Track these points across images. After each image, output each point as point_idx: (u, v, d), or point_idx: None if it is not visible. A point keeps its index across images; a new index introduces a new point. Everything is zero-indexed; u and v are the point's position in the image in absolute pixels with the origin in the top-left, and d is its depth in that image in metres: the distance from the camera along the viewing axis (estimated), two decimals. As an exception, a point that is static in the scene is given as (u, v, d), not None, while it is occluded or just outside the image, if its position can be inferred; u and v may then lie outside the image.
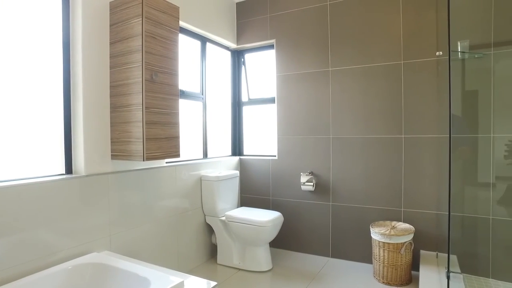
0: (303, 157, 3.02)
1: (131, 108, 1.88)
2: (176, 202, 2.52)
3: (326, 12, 2.89)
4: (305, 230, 3.03)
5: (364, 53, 2.74)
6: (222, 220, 2.76)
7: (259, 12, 3.22)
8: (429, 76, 2.51)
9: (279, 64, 3.13)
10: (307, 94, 2.99)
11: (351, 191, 2.82)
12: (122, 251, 2.04)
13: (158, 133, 1.95)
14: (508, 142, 2.28)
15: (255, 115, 3.43)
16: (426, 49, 2.51)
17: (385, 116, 2.67)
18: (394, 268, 2.38)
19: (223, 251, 2.79)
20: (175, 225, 2.51)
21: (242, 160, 3.36)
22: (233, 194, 2.96)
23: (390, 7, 2.63)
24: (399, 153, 2.63)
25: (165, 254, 2.41)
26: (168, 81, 2.02)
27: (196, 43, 2.96)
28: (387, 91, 2.66)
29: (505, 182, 2.31)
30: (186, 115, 2.80)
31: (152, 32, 1.89)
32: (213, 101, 3.16)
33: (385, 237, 2.37)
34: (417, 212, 2.57)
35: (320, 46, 2.92)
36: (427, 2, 2.49)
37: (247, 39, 3.30)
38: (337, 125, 2.86)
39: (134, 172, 2.15)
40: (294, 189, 3.06)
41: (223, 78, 3.36)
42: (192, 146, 2.92)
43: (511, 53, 2.27)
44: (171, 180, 2.47)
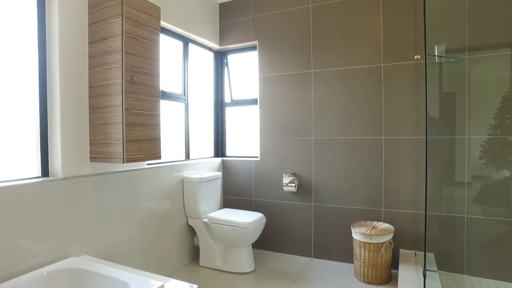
0: (285, 158, 3.04)
1: (111, 110, 1.85)
2: (158, 204, 2.49)
3: (308, 14, 2.92)
4: (287, 231, 3.05)
5: (346, 56, 2.78)
6: (205, 222, 2.74)
7: (242, 13, 3.23)
8: (408, 79, 2.57)
9: (262, 65, 3.14)
10: (290, 95, 3.01)
11: (333, 192, 2.85)
12: (101, 255, 2.00)
13: (139, 135, 1.92)
14: (483, 143, 2.36)
15: (238, 116, 3.43)
16: (405, 52, 2.58)
17: (366, 117, 2.72)
18: (374, 267, 2.42)
19: (206, 253, 2.78)
20: (157, 227, 2.48)
21: (225, 162, 3.35)
22: (216, 195, 2.95)
23: (370, 11, 2.68)
24: (379, 154, 2.68)
25: (146, 257, 2.37)
26: (149, 82, 1.99)
27: (178, 43, 2.93)
28: (368, 93, 2.71)
29: (480, 181, 2.40)
30: (168, 116, 2.77)
31: (132, 33, 1.86)
32: (195, 102, 3.14)
33: (365, 237, 2.41)
34: (396, 212, 2.63)
35: (303, 48, 2.95)
36: (405, 7, 2.56)
37: (230, 40, 3.30)
38: (319, 127, 2.89)
39: (114, 174, 2.11)
40: (277, 190, 3.08)
41: (205, 79, 3.35)
42: (174, 148, 2.89)
43: (484, 58, 2.36)
44: (152, 182, 2.44)
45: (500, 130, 2.33)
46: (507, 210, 2.34)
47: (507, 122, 2.31)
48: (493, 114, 2.34)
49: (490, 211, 2.37)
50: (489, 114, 2.35)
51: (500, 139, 2.34)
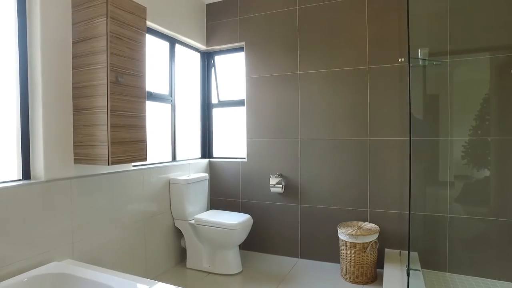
0: (272, 159, 3.05)
1: (96, 111, 1.82)
2: (144, 206, 2.47)
3: (295, 16, 2.94)
4: (274, 232, 3.06)
5: (332, 58, 2.81)
6: (191, 224, 2.72)
7: (229, 14, 3.22)
8: (393, 81, 2.62)
9: (249, 66, 3.14)
10: (276, 97, 3.02)
11: (319, 193, 2.88)
12: (86, 258, 1.96)
13: (124, 137, 1.89)
14: (465, 144, 2.43)
15: (225, 117, 3.43)
16: (389, 55, 2.62)
17: (352, 119, 2.76)
18: (360, 267, 2.46)
19: (193, 255, 2.76)
20: (143, 229, 2.45)
21: (212, 163, 3.34)
22: (203, 197, 2.94)
23: (356, 14, 2.72)
24: (365, 155, 2.72)
25: (132, 260, 2.34)
26: (134, 83, 1.97)
27: (165, 44, 2.90)
28: (354, 95, 2.75)
29: (462, 181, 2.46)
30: (154, 118, 2.75)
31: (118, 33, 1.84)
32: (182, 103, 3.12)
33: (351, 237, 2.44)
34: (382, 212, 2.68)
35: (289, 50, 2.97)
36: (390, 11, 2.60)
37: (217, 41, 3.29)
38: (305, 128, 2.92)
39: (99, 176, 2.07)
40: (264, 191, 3.08)
41: (192, 80, 3.33)
42: (161, 149, 2.86)
43: (465, 61, 2.43)
44: (138, 184, 2.41)
45: (480, 131, 2.40)
46: (486, 209, 2.42)
47: (487, 123, 2.39)
48: (474, 116, 2.41)
49: (471, 209, 2.44)
50: (470, 115, 2.42)
51: (481, 140, 2.41)
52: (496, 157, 2.39)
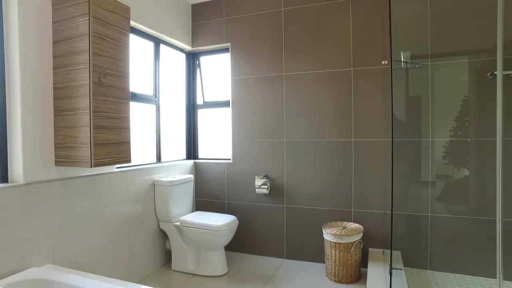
0: (257, 160, 3.06)
1: (77, 112, 1.78)
2: (128, 208, 2.43)
3: (280, 18, 2.95)
4: (260, 233, 3.07)
5: (317, 60, 2.84)
6: (176, 225, 2.70)
7: (214, 15, 3.21)
8: (376, 83, 2.66)
9: (234, 67, 3.14)
10: (262, 98, 3.03)
11: (304, 193, 2.90)
12: (67, 263, 1.92)
13: (107, 138, 1.86)
14: (446, 144, 2.49)
15: (210, 118, 3.41)
16: (373, 58, 2.67)
17: (336, 120, 2.79)
18: (345, 267, 2.49)
19: (178, 257, 2.74)
20: (127, 232, 2.42)
21: (197, 164, 3.32)
22: (188, 198, 2.92)
23: (341, 17, 2.75)
24: (349, 156, 2.76)
25: (116, 263, 2.30)
26: (117, 84, 1.94)
27: (149, 44, 2.87)
28: (338, 97, 2.78)
29: (443, 181, 2.53)
30: (138, 119, 2.71)
31: (100, 33, 1.80)
32: (167, 104, 3.09)
33: (336, 237, 2.47)
34: (366, 212, 2.72)
35: (274, 51, 2.98)
36: (374, 14, 2.65)
37: (202, 42, 3.27)
38: (290, 129, 2.93)
39: (82, 178, 2.03)
40: (249, 192, 3.09)
41: (177, 80, 3.30)
42: (145, 150, 2.83)
43: (445, 64, 2.49)
44: (122, 186, 2.37)
45: (460, 132, 2.47)
46: (466, 207, 2.49)
47: (466, 124, 2.46)
48: (454, 117, 2.48)
49: (452, 208, 2.51)
50: (451, 117, 2.49)
51: (461, 141, 2.48)
52: (474, 157, 2.47)
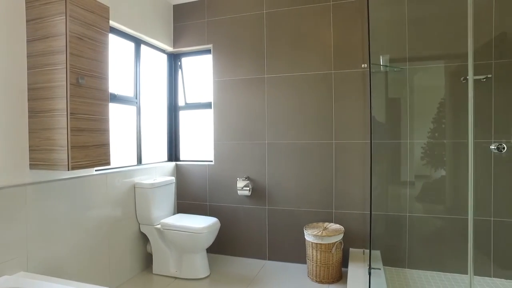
0: (239, 162, 3.06)
1: (54, 114, 1.73)
2: (108, 211, 2.38)
3: (262, 20, 2.97)
4: (242, 235, 3.07)
5: (298, 62, 2.87)
6: (158, 228, 2.67)
7: (196, 16, 3.20)
8: (357, 86, 2.72)
9: (216, 69, 3.13)
10: (244, 100, 3.04)
11: (286, 195, 2.93)
12: (43, 270, 1.86)
13: (86, 141, 1.82)
14: (424, 145, 2.57)
15: (192, 120, 3.39)
16: (353, 61, 2.72)
17: (318, 122, 2.83)
18: (326, 267, 2.52)
19: (159, 260, 2.70)
20: (107, 236, 2.37)
21: (179, 166, 3.29)
22: (169, 201, 2.89)
23: (321, 21, 2.80)
24: (330, 158, 2.80)
25: (95, 268, 2.25)
26: (96, 85, 1.90)
27: (130, 44, 2.82)
28: (319, 99, 2.82)
29: (421, 181, 2.61)
30: (118, 120, 2.66)
31: (78, 33, 1.77)
32: (148, 106, 3.05)
33: (317, 238, 2.50)
34: (346, 213, 2.76)
35: (256, 53, 2.99)
36: (354, 18, 2.70)
37: (184, 43, 3.25)
38: (272, 131, 2.95)
39: (58, 182, 1.98)
40: (231, 194, 3.08)
41: (159, 81, 3.26)
42: (126, 152, 2.78)
43: (423, 68, 2.57)
44: (101, 189, 2.32)
45: (437, 134, 2.55)
46: (442, 207, 2.57)
47: (443, 126, 2.54)
48: (431, 119, 2.56)
49: (430, 207, 2.59)
50: (428, 119, 2.57)
51: (438, 142, 2.56)
52: (450, 158, 2.56)
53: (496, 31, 2.38)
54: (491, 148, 2.27)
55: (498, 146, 2.22)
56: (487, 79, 2.39)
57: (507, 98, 2.38)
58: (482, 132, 2.41)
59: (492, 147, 2.26)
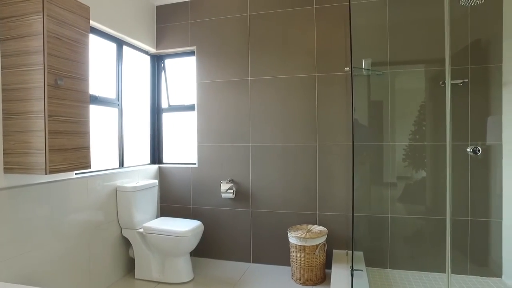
0: (223, 164, 3.05)
1: (31, 116, 1.68)
2: (88, 215, 2.33)
3: (246, 23, 2.97)
4: (226, 238, 3.05)
5: (282, 65, 2.89)
6: (140, 232, 2.62)
7: (180, 18, 3.17)
8: (340, 89, 2.75)
9: (200, 71, 3.12)
10: (227, 102, 3.03)
11: (270, 197, 2.93)
12: (18, 278, 1.80)
13: (64, 144, 1.78)
14: (405, 147, 2.62)
15: (176, 122, 3.35)
16: (336, 64, 2.75)
17: (301, 125, 2.85)
18: (310, 269, 2.53)
19: (141, 265, 2.66)
20: (87, 240, 2.31)
21: (162, 169, 3.25)
22: (152, 204, 2.84)
23: (305, 24, 2.82)
24: (313, 160, 2.82)
25: (75, 274, 2.19)
26: (76, 86, 1.86)
27: (112, 45, 2.78)
28: (303, 102, 2.84)
29: (403, 182, 2.66)
30: (100, 122, 2.61)
31: (57, 33, 1.72)
32: (130, 107, 3.00)
33: (301, 240, 2.51)
34: (330, 215, 2.79)
35: (240, 56, 2.99)
36: (337, 22, 2.74)
37: (168, 45, 3.22)
38: (256, 133, 2.96)
39: (35, 186, 1.92)
40: (215, 197, 3.07)
41: (141, 83, 3.21)
42: (107, 155, 2.73)
43: (404, 72, 2.63)
44: (82, 193, 2.27)
45: (418, 136, 2.61)
46: (423, 207, 2.63)
47: (424, 128, 2.60)
48: (413, 122, 2.61)
49: (411, 208, 2.64)
50: (410, 121, 2.62)
51: (419, 144, 2.62)
52: (431, 160, 2.62)
53: (472, 37, 2.46)
54: (467, 151, 2.33)
55: (474, 149, 2.29)
56: (464, 84, 2.46)
57: (482, 102, 2.46)
58: (459, 134, 2.48)
59: (468, 149, 2.33)
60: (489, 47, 2.45)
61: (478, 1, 1.95)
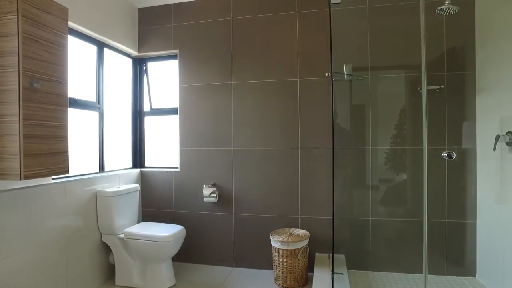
0: (205, 169, 3.03)
1: (4, 119, 1.63)
2: (66, 221, 2.27)
3: (229, 27, 2.98)
4: (209, 242, 3.03)
5: (264, 69, 2.91)
6: (121, 238, 2.58)
7: (163, 21, 3.15)
8: (321, 94, 2.79)
9: (182, 75, 3.10)
10: (210, 106, 3.02)
11: (252, 201, 2.93)
12: (-9, 286, 1.74)
13: (41, 148, 1.73)
14: (387, 151, 2.67)
15: (158, 125, 3.32)
16: (318, 69, 2.79)
17: (284, 129, 2.87)
18: (292, 273, 2.54)
19: (122, 271, 2.61)
20: (65, 247, 2.25)
21: (144, 173, 3.20)
22: (133, 209, 2.80)
23: (287, 28, 2.85)
24: (296, 164, 2.84)
25: (51, 282, 2.13)
26: (54, 90, 1.82)
27: (92, 48, 2.73)
28: (285, 106, 2.86)
29: (384, 185, 2.71)
30: (79, 126, 2.56)
31: (33, 34, 1.68)
32: (111, 111, 2.95)
33: (283, 244, 2.52)
34: (312, 218, 2.81)
35: (223, 60, 2.99)
36: (319, 28, 2.77)
37: (150, 47, 3.19)
38: (238, 137, 2.96)
39: (9, 192, 1.86)
40: (197, 201, 3.04)
41: (123, 86, 3.17)
42: (87, 159, 2.67)
43: (385, 77, 2.69)
44: (59, 199, 2.21)
45: (400, 138, 2.67)
46: (403, 210, 2.69)
47: (404, 132, 2.66)
48: (393, 125, 2.67)
49: (391, 211, 2.70)
50: (391, 125, 2.68)
51: (399, 148, 2.67)
52: (410, 164, 2.68)
53: (448, 45, 2.55)
54: (442, 155, 2.40)
55: (449, 154, 2.36)
56: (440, 90, 2.54)
57: (458, 108, 2.55)
58: (437, 139, 2.56)
59: (443, 154, 2.40)
60: (464, 55, 2.54)
61: (453, 11, 2.02)
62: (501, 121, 2.15)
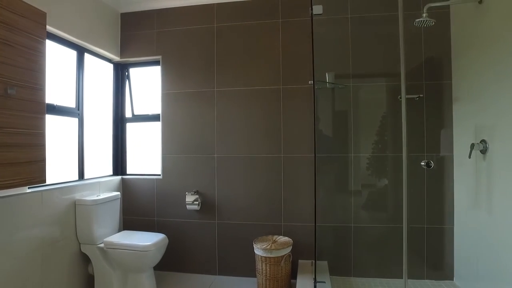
0: (188, 176, 3.00)
1: (-23, 128, 1.57)
2: (43, 232, 2.19)
3: (213, 34, 2.98)
4: (191, 250, 2.99)
5: (247, 76, 2.91)
6: (100, 248, 2.51)
7: (145, 26, 3.12)
8: (305, 101, 2.81)
9: (165, 81, 3.07)
10: (193, 112, 3.00)
11: (235, 209, 2.92)
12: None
13: (16, 157, 1.68)
14: (369, 156, 2.71)
15: (140, 132, 3.27)
16: (301, 77, 2.81)
17: (266, 136, 2.88)
18: (275, 280, 2.54)
19: (102, 282, 2.54)
20: (41, 259, 2.17)
21: (125, 180, 3.14)
22: (114, 217, 2.74)
23: (271, 36, 2.88)
24: (279, 171, 2.85)
25: (25, 295, 2.05)
26: (30, 96, 1.77)
27: (72, 53, 2.67)
28: (268, 113, 2.88)
29: (366, 191, 2.75)
30: (57, 133, 2.49)
31: (7, 39, 1.63)
32: (92, 117, 2.89)
33: (266, 251, 2.52)
34: (295, 225, 2.82)
35: (206, 67, 2.99)
36: (302, 36, 2.80)
37: (132, 53, 3.15)
38: (221, 144, 2.95)
39: (-18, 202, 1.78)
40: (180, 209, 3.01)
41: (104, 92, 3.11)
42: (66, 167, 2.60)
43: (366, 86, 2.74)
44: (35, 208, 2.14)
45: (381, 145, 2.72)
46: (385, 216, 2.73)
47: (386, 138, 2.72)
48: (375, 133, 2.72)
49: (373, 217, 2.73)
50: (373, 132, 2.72)
51: (381, 155, 2.72)
52: (391, 170, 2.73)
53: (426, 55, 2.62)
54: (421, 165, 2.47)
55: (427, 163, 2.43)
56: (420, 98, 2.61)
57: (436, 116, 2.62)
58: (416, 146, 2.62)
59: (422, 163, 2.46)
60: (441, 65, 2.62)
61: (429, 23, 2.08)
62: (476, 129, 2.23)
